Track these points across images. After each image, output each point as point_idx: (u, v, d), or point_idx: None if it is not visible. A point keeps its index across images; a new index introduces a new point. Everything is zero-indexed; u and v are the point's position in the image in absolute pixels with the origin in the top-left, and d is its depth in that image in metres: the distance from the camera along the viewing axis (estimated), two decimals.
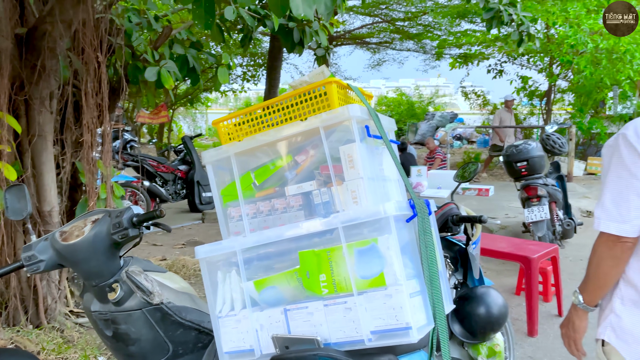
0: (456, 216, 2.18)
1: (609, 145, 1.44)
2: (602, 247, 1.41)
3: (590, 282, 1.46)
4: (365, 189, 1.41)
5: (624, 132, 1.39)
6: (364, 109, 1.50)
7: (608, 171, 1.41)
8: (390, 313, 1.32)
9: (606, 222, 1.38)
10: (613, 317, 1.45)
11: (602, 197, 1.41)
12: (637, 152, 1.35)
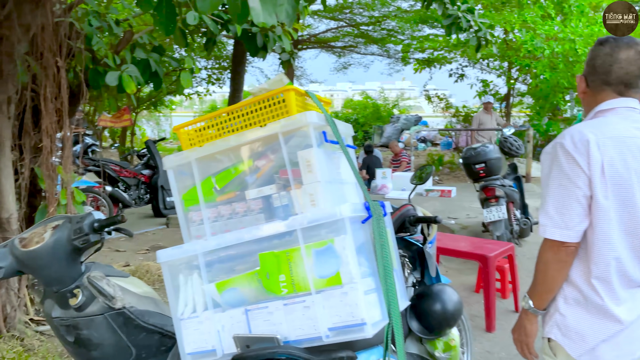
0: (413, 217, 2.27)
1: (547, 152, 1.51)
2: (548, 253, 1.47)
3: (538, 286, 1.53)
4: (322, 192, 1.47)
5: (561, 141, 1.45)
6: (321, 116, 1.56)
7: (549, 179, 1.47)
8: (346, 310, 1.38)
9: (551, 229, 1.44)
10: (558, 316, 1.52)
11: (545, 205, 1.46)
12: (575, 160, 1.42)
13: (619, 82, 1.52)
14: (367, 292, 1.42)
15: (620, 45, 1.52)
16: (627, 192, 1.43)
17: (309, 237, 1.43)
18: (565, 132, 1.48)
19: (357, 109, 24.47)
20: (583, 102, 1.61)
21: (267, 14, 2.08)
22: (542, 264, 1.50)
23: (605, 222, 1.42)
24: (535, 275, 1.53)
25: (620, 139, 1.45)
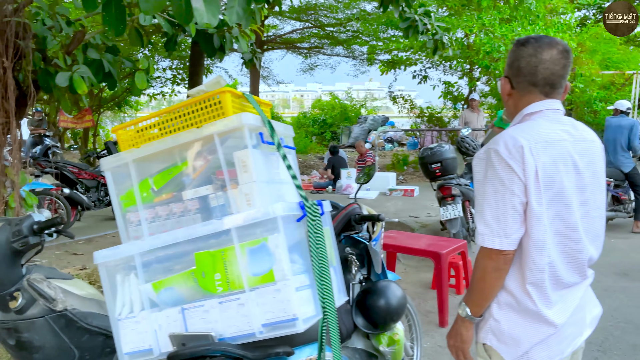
0: (358, 215, 2.32)
1: (480, 158, 1.48)
2: (486, 261, 1.45)
3: (475, 294, 1.51)
4: (258, 191, 1.51)
5: (495, 148, 1.43)
6: (258, 117, 1.59)
7: (485, 186, 1.45)
8: (278, 306, 1.42)
9: (490, 238, 1.42)
10: (492, 322, 1.51)
11: (483, 213, 1.44)
12: (510, 167, 1.40)
13: (545, 82, 1.51)
14: (300, 288, 1.46)
15: (542, 45, 1.51)
16: (559, 196, 1.44)
17: (244, 236, 1.47)
18: (498, 138, 1.46)
19: (325, 109, 24.59)
20: (507, 105, 1.60)
21: (211, 15, 2.10)
22: (480, 272, 1.47)
23: (539, 228, 1.42)
24: (472, 283, 1.52)
25: (551, 143, 1.45)
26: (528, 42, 1.53)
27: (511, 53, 1.55)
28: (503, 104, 1.62)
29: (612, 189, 6.87)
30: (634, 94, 11.53)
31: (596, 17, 19.13)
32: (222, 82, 1.63)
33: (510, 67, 1.56)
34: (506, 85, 1.57)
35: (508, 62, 1.57)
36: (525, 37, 1.56)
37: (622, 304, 4.21)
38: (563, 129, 1.51)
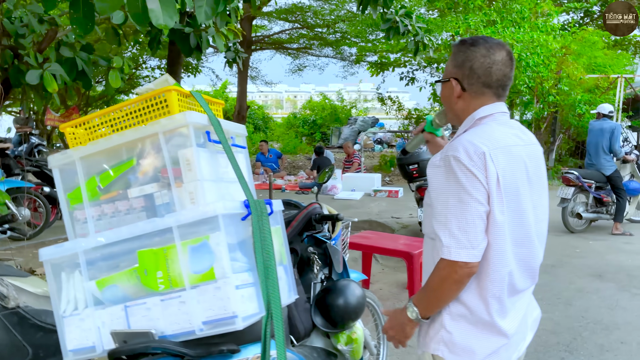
0: (318, 215, 2.34)
1: (437, 165, 1.42)
2: (449, 272, 1.38)
3: (429, 300, 1.46)
4: (202, 190, 1.52)
5: (455, 154, 1.37)
6: (205, 116, 1.60)
7: (446, 195, 1.38)
8: (219, 304, 1.43)
9: (457, 251, 1.35)
10: (444, 333, 1.46)
11: (447, 224, 1.36)
12: (473, 175, 1.35)
13: (498, 84, 1.48)
14: (241, 286, 1.47)
15: (493, 46, 1.47)
16: (516, 203, 1.42)
17: (187, 234, 1.47)
18: (456, 144, 1.40)
19: (315, 110, 24.63)
20: (454, 108, 1.53)
21: (167, 16, 2.11)
22: (439, 282, 1.41)
23: (501, 238, 1.39)
24: (427, 289, 1.46)
25: (507, 148, 1.43)
26: (478, 42, 1.49)
27: (459, 53, 1.49)
28: (447, 107, 1.57)
29: (593, 191, 6.94)
30: (618, 98, 11.65)
31: (583, 20, 19.31)
32: (171, 81, 1.64)
33: (459, 68, 1.49)
34: (456, 87, 1.49)
35: (455, 62, 1.49)
36: (470, 37, 1.51)
37: (593, 305, 4.25)
38: (514, 133, 1.50)
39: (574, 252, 6.03)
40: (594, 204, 7.14)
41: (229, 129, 1.75)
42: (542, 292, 4.54)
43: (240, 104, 13.75)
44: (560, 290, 4.60)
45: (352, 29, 13.54)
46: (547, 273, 5.14)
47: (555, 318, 3.97)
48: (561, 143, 13.96)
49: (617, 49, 17.60)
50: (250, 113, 24.91)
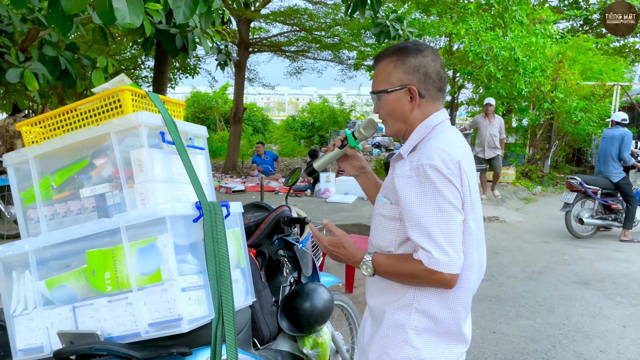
0: (286, 218, 2.33)
1: (406, 176, 1.37)
2: (427, 277, 1.34)
3: (388, 274, 1.43)
4: (153, 191, 1.51)
5: (431, 163, 1.33)
6: (159, 116, 1.59)
7: (425, 206, 1.33)
8: (165, 306, 1.42)
9: (447, 265, 1.31)
10: (410, 350, 1.41)
11: (431, 235, 1.31)
12: (452, 184, 1.33)
13: (445, 89, 1.49)
14: (188, 288, 1.46)
15: (434, 50, 1.48)
16: (477, 210, 1.43)
17: (136, 235, 1.46)
18: (430, 153, 1.35)
19: (314, 112, 24.62)
20: (407, 117, 1.47)
21: (134, 15, 2.11)
22: (408, 276, 1.38)
23: (472, 246, 1.40)
24: (393, 270, 1.41)
25: (469, 155, 1.45)
26: (423, 46, 1.48)
27: (407, 59, 1.44)
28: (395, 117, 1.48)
29: (598, 197, 6.95)
30: (614, 105, 11.64)
31: (583, 28, 19.32)
32: (127, 81, 1.64)
33: (413, 74, 1.44)
34: (415, 94, 1.44)
35: (406, 69, 1.44)
36: (413, 42, 1.49)
37: (576, 313, 4.23)
38: (463, 139, 1.50)
39: (562, 258, 6.01)
40: (601, 210, 7.14)
41: (187, 130, 1.74)
42: (526, 299, 4.53)
43: (236, 105, 13.75)
44: (544, 297, 4.59)
45: (348, 33, 13.53)
46: (532, 280, 5.12)
47: (536, 325, 3.95)
48: (557, 150, 13.94)
49: (616, 57, 17.60)
50: (250, 115, 24.93)
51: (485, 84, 10.89)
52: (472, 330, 3.83)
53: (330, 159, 1.71)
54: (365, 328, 1.59)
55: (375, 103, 1.53)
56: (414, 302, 1.42)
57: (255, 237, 2.36)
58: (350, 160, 1.75)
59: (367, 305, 1.60)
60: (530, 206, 10.08)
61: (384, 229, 1.47)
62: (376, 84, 1.50)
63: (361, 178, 1.80)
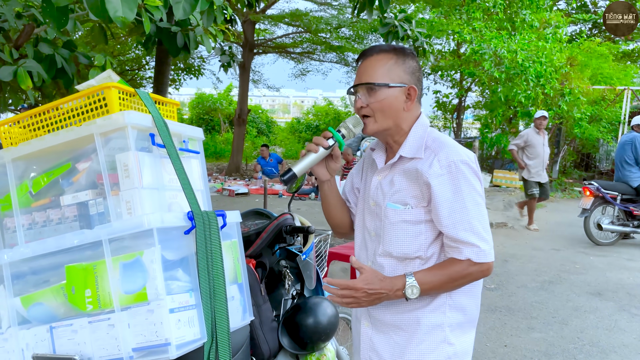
0: (289, 227, 2.17)
1: (439, 174, 1.37)
2: (477, 272, 1.38)
3: (436, 287, 1.39)
4: (141, 199, 1.36)
5: (464, 159, 1.37)
6: (150, 117, 1.44)
7: (463, 199, 1.35)
8: (151, 329, 1.27)
9: (490, 254, 1.37)
10: (448, 348, 1.42)
11: (474, 228, 1.35)
12: (478, 176, 1.39)
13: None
14: (179, 309, 1.31)
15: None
16: None
17: (120, 248, 1.31)
18: (456, 149, 1.40)
19: (319, 115, 24.52)
20: (399, 116, 1.45)
21: (127, 9, 1.96)
22: (458, 278, 1.38)
23: None
24: (440, 280, 1.38)
25: None
26: (410, 50, 1.48)
27: (407, 61, 1.45)
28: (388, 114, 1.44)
29: (618, 203, 6.78)
30: (624, 110, 11.44)
31: (591, 32, 19.12)
32: (114, 77, 1.49)
33: (412, 76, 1.45)
34: (413, 94, 1.45)
35: (406, 70, 1.44)
36: (399, 45, 1.49)
37: (590, 325, 4.06)
38: None
39: (573, 267, 5.83)
40: (622, 217, 6.94)
41: (181, 132, 1.59)
42: (537, 310, 4.35)
43: (240, 107, 13.63)
44: (556, 309, 4.41)
45: (356, 35, 13.38)
46: (543, 290, 4.94)
47: (549, 339, 3.77)
48: (566, 154, 13.74)
49: (626, 61, 17.39)
50: (254, 117, 24.83)
51: (488, 85, 10.70)
52: (483, 344, 3.69)
53: (314, 162, 1.48)
54: (380, 346, 1.50)
55: (364, 96, 1.45)
56: (447, 300, 1.44)
57: (255, 247, 2.20)
58: (330, 163, 1.54)
59: (380, 321, 1.50)
60: (539, 212, 9.87)
61: (409, 235, 1.43)
62: (372, 76, 1.43)
63: (329, 184, 1.60)
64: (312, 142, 1.48)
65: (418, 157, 1.42)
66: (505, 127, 12.90)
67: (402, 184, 1.45)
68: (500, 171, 12.28)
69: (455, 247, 1.38)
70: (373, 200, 1.52)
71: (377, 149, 1.59)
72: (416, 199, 1.42)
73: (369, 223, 1.55)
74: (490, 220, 8.18)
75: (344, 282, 1.39)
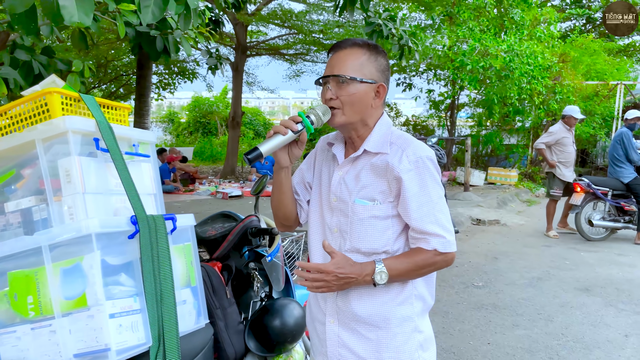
0: (254, 229, 2.17)
1: (408, 169, 1.40)
2: (441, 261, 1.42)
3: (403, 275, 1.42)
4: (83, 204, 1.35)
5: (429, 155, 1.42)
6: (92, 122, 1.44)
7: (428, 193, 1.40)
8: (91, 334, 1.26)
9: (454, 243, 1.43)
10: (419, 336, 1.48)
11: (440, 221, 1.40)
12: (438, 171, 1.45)
13: None
14: (120, 314, 1.30)
15: None
16: None
17: (62, 255, 1.31)
18: (421, 146, 1.44)
19: None
20: (365, 111, 1.46)
21: (83, 14, 1.96)
22: (424, 266, 1.42)
23: None
24: (406, 268, 1.41)
25: None
26: (381, 49, 1.49)
27: (379, 58, 1.47)
28: (357, 109, 1.45)
29: (609, 199, 6.76)
30: (618, 105, 11.42)
31: (585, 27, 19.09)
32: (59, 82, 1.49)
33: (382, 74, 1.48)
34: (383, 93, 1.48)
35: (378, 67, 1.47)
36: (371, 41, 1.48)
37: (575, 321, 4.04)
38: None
39: (563, 263, 5.81)
40: (614, 212, 6.94)
41: (131, 136, 1.59)
42: (524, 307, 4.34)
43: (235, 109, 13.62)
44: (543, 305, 4.39)
45: (347, 36, 13.36)
46: (531, 286, 4.93)
47: (533, 335, 3.76)
48: None
49: (621, 56, 17.36)
50: (251, 119, 24.83)
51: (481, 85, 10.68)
52: (467, 342, 3.67)
53: (280, 144, 1.42)
54: (350, 342, 1.49)
55: (334, 87, 1.44)
56: (413, 291, 1.48)
57: (221, 249, 2.20)
58: (293, 149, 1.49)
59: (349, 316, 1.49)
60: (533, 209, 9.87)
61: (377, 230, 1.45)
62: (344, 69, 1.43)
63: (286, 171, 1.55)
64: (281, 124, 1.44)
65: (384, 152, 1.45)
66: (500, 125, 12.92)
67: (369, 179, 1.46)
68: (495, 168, 12.27)
69: (422, 238, 1.42)
70: (335, 196, 1.50)
71: (337, 144, 1.57)
72: (383, 194, 1.44)
73: (329, 219, 1.53)
74: (483, 217, 8.21)
75: (315, 265, 1.40)
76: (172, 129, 26.00)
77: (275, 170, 1.55)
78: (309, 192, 1.64)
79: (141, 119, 5.79)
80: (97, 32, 3.74)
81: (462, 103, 14.54)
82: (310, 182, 1.64)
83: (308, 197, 1.65)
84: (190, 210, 8.36)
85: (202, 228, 2.32)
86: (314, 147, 1.70)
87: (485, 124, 12.44)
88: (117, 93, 16.04)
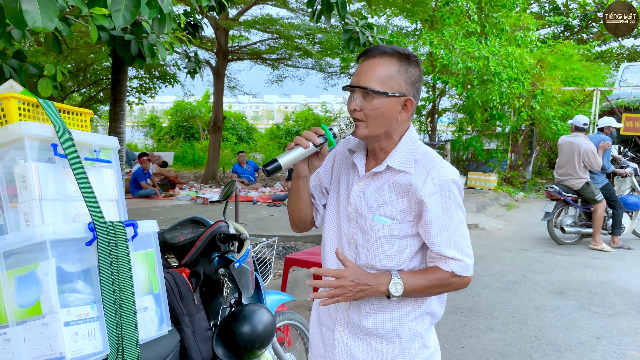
0: (223, 234, 2.16)
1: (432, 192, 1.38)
2: (458, 284, 1.42)
3: (418, 291, 1.41)
4: (40, 211, 1.34)
5: (454, 178, 1.40)
6: (52, 127, 1.42)
7: (451, 217, 1.38)
8: (45, 343, 1.25)
9: (472, 267, 1.43)
10: (425, 352, 1.48)
11: (458, 245, 1.39)
12: (462, 194, 1.43)
13: None
14: (76, 322, 1.28)
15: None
16: None
17: (17, 262, 1.29)
18: (447, 168, 1.41)
19: (299, 121, 24.53)
20: (392, 125, 1.41)
21: (47, 19, 1.94)
22: (440, 286, 1.42)
23: None
24: (422, 285, 1.40)
25: None
26: (418, 60, 1.45)
27: (410, 69, 1.41)
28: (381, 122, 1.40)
29: (580, 205, 6.84)
30: (594, 111, 11.64)
31: (564, 34, 19.43)
32: (17, 88, 1.47)
33: (412, 86, 1.42)
34: (410, 107, 1.42)
35: (408, 79, 1.40)
36: (410, 51, 1.43)
37: (549, 324, 4.10)
38: None
39: (539, 267, 5.89)
40: (584, 217, 7.03)
41: (92, 142, 1.57)
42: (499, 310, 4.39)
43: (216, 114, 13.56)
44: (517, 308, 4.45)
45: (329, 41, 13.42)
46: (507, 290, 4.99)
47: (507, 338, 3.80)
48: (538, 155, 13.92)
49: (599, 62, 17.70)
50: (234, 124, 24.75)
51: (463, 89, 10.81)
52: (441, 346, 3.69)
53: (301, 156, 1.39)
54: (358, 352, 1.49)
55: (359, 99, 1.39)
56: (426, 309, 1.48)
57: (190, 255, 2.19)
58: (313, 160, 1.46)
59: (360, 328, 1.48)
60: (512, 213, 9.99)
61: (394, 249, 1.43)
62: (371, 80, 1.38)
63: (305, 180, 1.51)
64: (302, 136, 1.39)
65: (407, 171, 1.41)
66: (480, 130, 13.06)
67: (390, 196, 1.43)
68: (475, 173, 12.40)
69: (441, 258, 1.41)
70: (354, 208, 1.48)
71: (358, 152, 1.53)
72: (403, 214, 1.41)
73: (346, 229, 1.51)
74: None
75: (333, 271, 1.38)
76: (153, 134, 25.79)
77: (294, 178, 1.53)
78: (325, 197, 1.61)
79: (116, 124, 5.73)
80: (70, 36, 3.68)
81: (443, 108, 14.69)
82: (327, 187, 1.61)
83: (324, 201, 1.62)
84: (169, 215, 8.30)
85: (171, 234, 2.30)
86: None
87: (466, 128, 12.56)
88: (97, 97, 15.84)
